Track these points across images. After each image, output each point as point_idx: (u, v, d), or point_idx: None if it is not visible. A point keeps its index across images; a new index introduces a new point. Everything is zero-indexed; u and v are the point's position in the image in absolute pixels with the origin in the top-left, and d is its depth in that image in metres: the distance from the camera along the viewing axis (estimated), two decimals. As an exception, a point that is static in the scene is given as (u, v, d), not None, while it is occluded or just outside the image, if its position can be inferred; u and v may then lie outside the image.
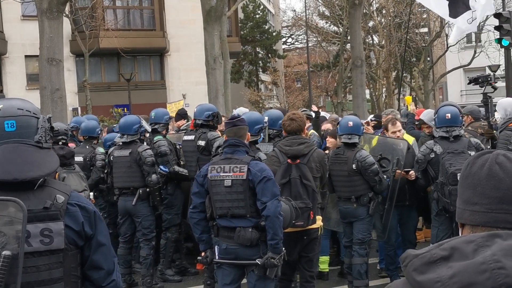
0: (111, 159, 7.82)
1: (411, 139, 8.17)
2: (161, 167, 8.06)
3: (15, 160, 2.45)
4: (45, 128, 2.59)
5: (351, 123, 7.01)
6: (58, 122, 8.46)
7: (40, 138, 2.54)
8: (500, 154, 1.63)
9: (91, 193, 7.58)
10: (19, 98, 2.67)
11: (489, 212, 1.59)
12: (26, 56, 28.69)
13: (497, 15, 14.89)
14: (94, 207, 2.68)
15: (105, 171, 8.13)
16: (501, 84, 18.48)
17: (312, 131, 9.05)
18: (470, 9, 10.85)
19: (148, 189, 7.70)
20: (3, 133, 2.50)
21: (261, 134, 6.98)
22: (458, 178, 6.69)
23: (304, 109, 10.60)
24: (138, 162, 7.65)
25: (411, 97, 11.98)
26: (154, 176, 7.70)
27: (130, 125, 7.78)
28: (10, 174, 2.42)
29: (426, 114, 8.54)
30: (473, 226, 1.62)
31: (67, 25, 22.31)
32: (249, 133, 5.46)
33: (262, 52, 49.52)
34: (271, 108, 50.78)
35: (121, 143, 7.80)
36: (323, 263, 8.05)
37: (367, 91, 39.53)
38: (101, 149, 8.40)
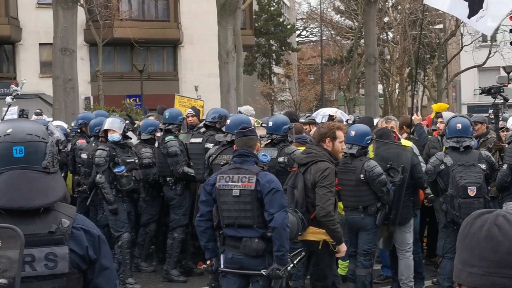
0: None
1: (409, 143, 7.91)
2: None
3: (22, 188, 2.43)
4: (53, 152, 2.56)
5: (353, 133, 6.86)
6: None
7: (47, 164, 2.51)
8: (499, 215, 1.61)
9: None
10: (29, 120, 2.66)
11: (487, 275, 1.58)
12: (40, 44, 28.79)
13: None
14: (99, 231, 2.67)
15: None
16: (515, 86, 18.25)
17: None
18: (482, 8, 10.62)
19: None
20: (11, 158, 2.46)
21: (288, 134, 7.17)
22: (469, 191, 6.54)
23: (308, 114, 10.44)
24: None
25: (439, 105, 10.12)
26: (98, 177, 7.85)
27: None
28: (16, 202, 2.40)
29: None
30: (470, 288, 1.61)
31: (81, 14, 22.40)
32: (258, 144, 5.43)
33: (275, 45, 49.36)
34: (282, 100, 50.84)
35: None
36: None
37: (380, 87, 39.34)
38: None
